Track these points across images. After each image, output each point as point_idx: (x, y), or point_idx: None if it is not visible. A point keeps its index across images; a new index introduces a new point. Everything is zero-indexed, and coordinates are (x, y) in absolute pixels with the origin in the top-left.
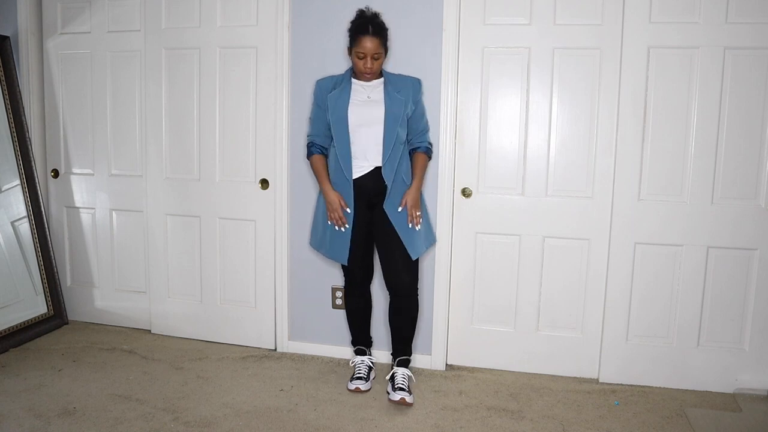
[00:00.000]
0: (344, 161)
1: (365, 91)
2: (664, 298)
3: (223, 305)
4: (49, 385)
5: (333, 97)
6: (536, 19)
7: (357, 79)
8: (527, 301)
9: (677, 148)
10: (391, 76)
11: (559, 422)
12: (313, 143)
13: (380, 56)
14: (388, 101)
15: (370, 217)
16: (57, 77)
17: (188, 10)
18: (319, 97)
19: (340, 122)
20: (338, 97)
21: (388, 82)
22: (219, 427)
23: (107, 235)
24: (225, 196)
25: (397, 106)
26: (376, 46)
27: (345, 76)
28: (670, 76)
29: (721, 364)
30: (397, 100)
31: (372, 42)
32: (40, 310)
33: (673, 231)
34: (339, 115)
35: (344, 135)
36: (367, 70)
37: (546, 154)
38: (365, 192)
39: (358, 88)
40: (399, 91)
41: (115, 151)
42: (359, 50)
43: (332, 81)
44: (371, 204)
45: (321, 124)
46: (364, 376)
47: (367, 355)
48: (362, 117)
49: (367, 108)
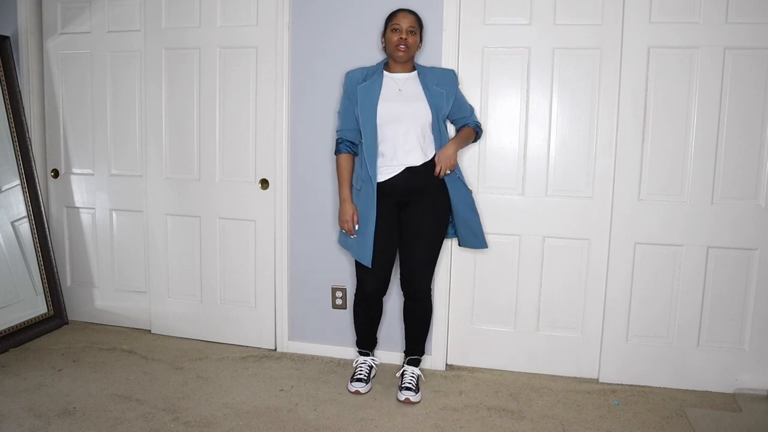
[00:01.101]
0: (370, 161)
1: (396, 85)
2: (664, 298)
3: (223, 305)
4: (49, 385)
5: (363, 89)
6: (536, 19)
7: (389, 72)
8: (527, 301)
9: (677, 148)
10: (426, 69)
11: (559, 422)
12: (343, 140)
13: (415, 32)
14: (429, 95)
15: (399, 220)
16: (57, 77)
17: (188, 10)
18: (349, 90)
19: (369, 118)
20: (368, 89)
21: (424, 74)
22: (219, 427)
23: (107, 235)
24: (225, 196)
25: (439, 99)
26: (412, 21)
27: (377, 68)
28: (670, 76)
29: (721, 364)
30: (437, 93)
31: (407, 17)
32: (40, 310)
33: (673, 231)
34: (368, 109)
35: (372, 131)
36: (402, 42)
37: (546, 154)
38: (396, 192)
39: (389, 82)
40: (438, 83)
41: (115, 151)
42: (394, 23)
43: (363, 72)
44: (403, 203)
45: (351, 117)
46: (364, 378)
47: (370, 356)
48: (392, 112)
49: (398, 103)
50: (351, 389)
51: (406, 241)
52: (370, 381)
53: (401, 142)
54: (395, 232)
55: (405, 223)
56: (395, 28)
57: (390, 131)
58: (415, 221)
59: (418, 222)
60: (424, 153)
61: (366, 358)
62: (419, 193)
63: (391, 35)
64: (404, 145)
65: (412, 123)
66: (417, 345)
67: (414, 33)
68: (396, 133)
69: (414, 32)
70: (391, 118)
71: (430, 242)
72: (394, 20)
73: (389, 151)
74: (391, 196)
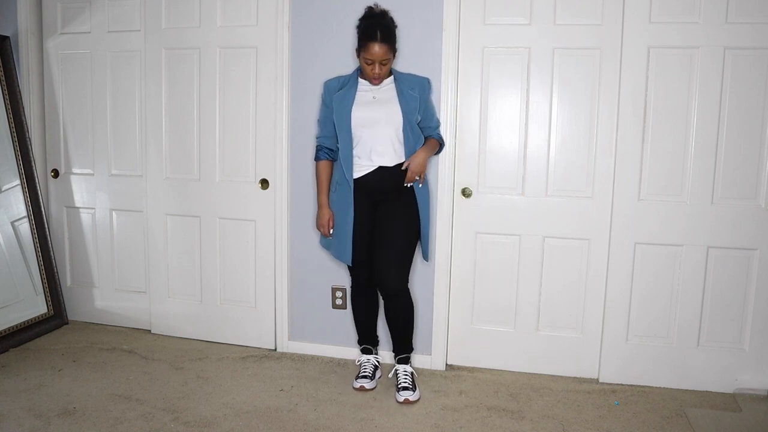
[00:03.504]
0: (345, 162)
1: (371, 92)
2: (664, 298)
3: (223, 305)
4: (49, 385)
5: (338, 98)
6: (536, 19)
7: (364, 79)
8: (527, 301)
9: (677, 148)
10: (402, 75)
11: (559, 422)
12: (322, 147)
13: (388, 62)
14: (403, 100)
15: (375, 217)
16: (57, 77)
17: (188, 10)
18: (326, 98)
19: (344, 123)
20: (343, 97)
21: (399, 80)
22: (219, 427)
23: (107, 235)
24: (225, 196)
25: (412, 103)
26: (385, 52)
27: (352, 76)
28: (670, 76)
29: (721, 364)
30: (411, 98)
31: (380, 48)
32: (40, 310)
33: (673, 231)
34: (342, 115)
35: (347, 135)
36: (375, 75)
37: (546, 154)
38: (369, 190)
39: (364, 89)
40: (413, 88)
41: (115, 151)
42: (368, 56)
43: (339, 81)
44: (376, 202)
45: (329, 125)
46: (369, 375)
47: (373, 354)
48: (366, 118)
49: (372, 109)
50: (356, 385)
51: (377, 241)
52: (375, 379)
53: (375, 144)
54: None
55: (376, 223)
56: (368, 62)
57: (364, 135)
58: (385, 221)
59: (388, 222)
60: (397, 155)
61: (369, 356)
62: (391, 193)
63: (364, 65)
64: (377, 147)
65: (385, 127)
66: (404, 343)
67: (386, 63)
68: (369, 137)
69: (386, 63)
70: (365, 123)
71: (400, 241)
72: (367, 53)
73: (364, 152)
74: (364, 193)
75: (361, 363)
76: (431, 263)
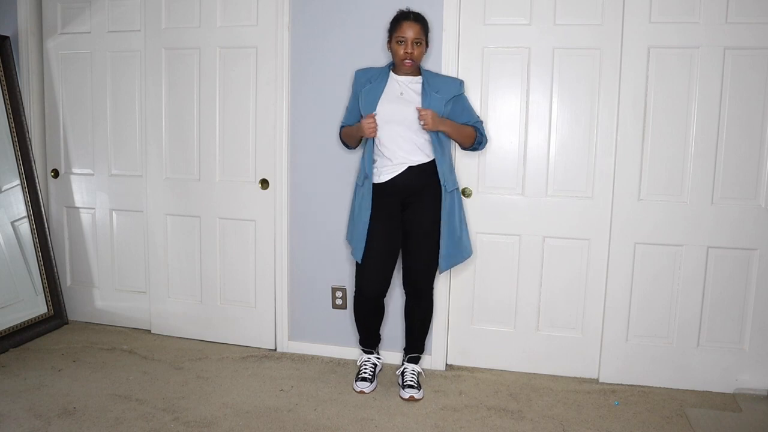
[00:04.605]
0: (368, 157)
1: (399, 87)
2: (664, 298)
3: (223, 305)
4: (49, 385)
5: (366, 91)
6: (536, 19)
7: (396, 74)
8: (527, 301)
9: (677, 148)
10: (432, 75)
11: (559, 422)
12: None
13: (421, 43)
14: (426, 100)
15: (401, 220)
16: (57, 77)
17: (188, 10)
18: (356, 88)
19: None
20: (371, 90)
21: (427, 81)
22: (219, 427)
23: (107, 235)
24: (225, 196)
25: (435, 105)
26: (417, 31)
27: (384, 69)
28: (670, 76)
29: (721, 364)
30: (435, 99)
31: (412, 27)
32: (40, 310)
33: (673, 231)
34: (369, 108)
35: None
36: (407, 56)
37: (546, 154)
38: (400, 192)
39: (393, 84)
40: (438, 90)
41: (115, 151)
42: (399, 35)
43: (369, 73)
44: (405, 204)
45: (353, 114)
46: (369, 377)
47: (374, 354)
48: (390, 113)
49: (398, 105)
50: (356, 389)
51: (410, 240)
52: (375, 379)
53: (401, 143)
54: (397, 233)
55: (407, 223)
56: (400, 40)
57: (390, 132)
58: (418, 220)
59: (420, 221)
60: (425, 153)
61: (370, 356)
62: (420, 193)
63: (396, 47)
64: (404, 145)
65: (410, 125)
66: (417, 343)
67: (420, 43)
68: (396, 134)
69: (420, 43)
70: (390, 119)
71: (434, 241)
72: (399, 31)
73: (390, 151)
74: (393, 197)
75: (362, 362)
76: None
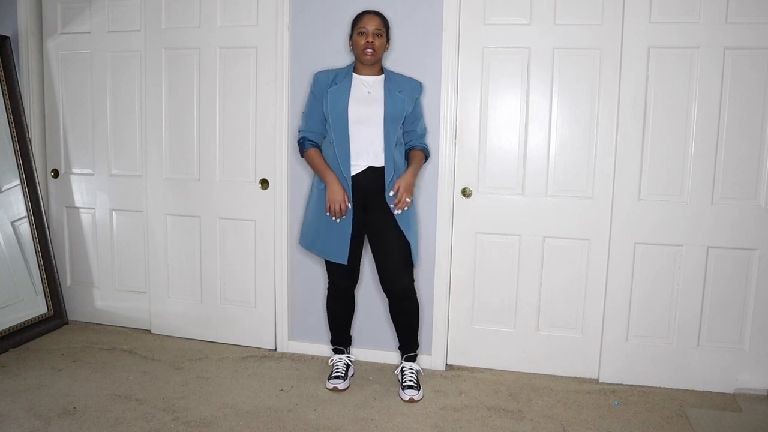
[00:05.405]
0: (343, 159)
1: (365, 87)
2: (664, 298)
3: (223, 305)
4: (49, 385)
5: (333, 92)
6: (536, 19)
7: (358, 74)
8: (527, 301)
9: (677, 148)
10: (393, 75)
11: (559, 422)
12: (306, 138)
13: (382, 35)
14: (389, 99)
15: (364, 220)
16: (57, 77)
17: (188, 10)
18: (317, 91)
19: (340, 118)
20: (338, 92)
21: (389, 79)
22: (219, 427)
23: (107, 235)
24: (225, 196)
25: (399, 105)
26: (377, 23)
27: (345, 70)
28: (670, 76)
29: (721, 364)
30: (398, 99)
31: (372, 19)
32: (40, 310)
33: (673, 231)
34: (339, 111)
35: (344, 132)
36: (368, 45)
37: (546, 154)
38: (360, 191)
39: (358, 84)
40: (401, 90)
41: (115, 151)
42: (360, 26)
43: (332, 75)
44: (365, 205)
45: (316, 119)
46: (341, 375)
47: (345, 354)
48: (361, 114)
49: (367, 105)
50: (329, 386)
51: (378, 242)
52: (347, 378)
53: (368, 143)
54: (361, 225)
55: (372, 225)
56: (361, 32)
57: (358, 132)
58: (383, 221)
59: (385, 222)
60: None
61: (341, 356)
62: (380, 194)
63: (357, 38)
64: (371, 146)
65: (379, 125)
66: (410, 342)
67: (380, 35)
68: (364, 134)
69: (380, 35)
70: (360, 119)
71: (404, 244)
72: (360, 23)
73: (356, 150)
74: (355, 198)
75: (334, 362)
76: (431, 263)
